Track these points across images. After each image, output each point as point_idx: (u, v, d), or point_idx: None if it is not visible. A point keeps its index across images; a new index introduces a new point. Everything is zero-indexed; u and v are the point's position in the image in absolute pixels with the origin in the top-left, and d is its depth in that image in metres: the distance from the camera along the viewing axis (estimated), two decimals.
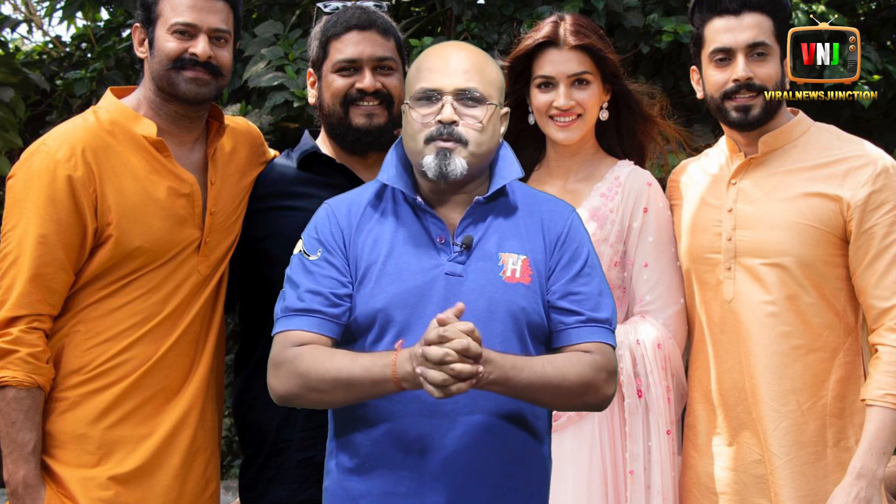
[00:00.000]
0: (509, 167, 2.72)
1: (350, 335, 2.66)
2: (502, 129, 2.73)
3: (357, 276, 2.65)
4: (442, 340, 2.42)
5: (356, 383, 2.53)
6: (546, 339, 2.69)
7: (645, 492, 3.16)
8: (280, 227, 3.17)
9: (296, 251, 2.72)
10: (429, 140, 2.62)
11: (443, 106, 2.62)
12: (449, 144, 2.61)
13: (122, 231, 2.99)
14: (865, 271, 3.03)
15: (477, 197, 2.67)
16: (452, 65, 2.66)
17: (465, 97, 2.63)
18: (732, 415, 3.15)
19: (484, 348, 2.46)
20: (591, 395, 2.63)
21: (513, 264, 2.65)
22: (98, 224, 2.98)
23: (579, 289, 2.67)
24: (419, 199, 2.67)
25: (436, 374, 2.42)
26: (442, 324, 2.44)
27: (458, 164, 2.61)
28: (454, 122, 2.61)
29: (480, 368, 2.44)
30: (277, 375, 2.62)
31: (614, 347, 2.69)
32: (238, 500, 3.30)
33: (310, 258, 2.68)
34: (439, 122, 2.61)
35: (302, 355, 2.59)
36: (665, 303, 3.24)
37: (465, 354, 2.41)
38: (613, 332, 2.70)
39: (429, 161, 2.62)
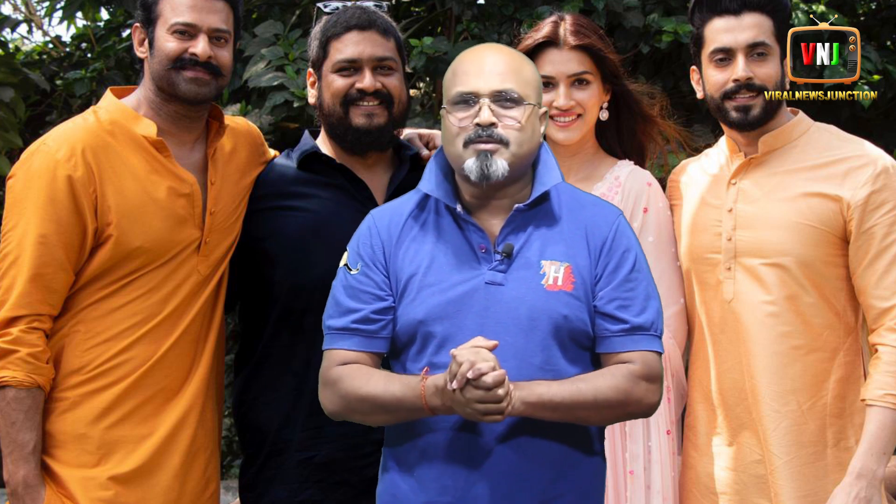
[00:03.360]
0: (550, 172, 2.70)
1: (395, 347, 2.68)
2: (542, 129, 2.72)
3: (398, 288, 2.66)
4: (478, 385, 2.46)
5: (392, 411, 2.60)
6: (591, 345, 2.68)
7: (645, 492, 3.16)
8: (280, 227, 3.17)
9: (341, 263, 2.74)
10: (468, 143, 2.61)
11: (480, 109, 2.61)
12: (489, 146, 2.60)
13: (122, 231, 2.98)
14: (865, 271, 3.03)
15: (517, 205, 2.66)
16: (488, 67, 2.65)
17: (503, 98, 2.62)
18: (732, 415, 3.15)
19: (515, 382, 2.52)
20: (633, 406, 2.64)
21: (555, 272, 2.64)
22: (98, 224, 2.98)
23: (626, 294, 2.67)
24: (459, 207, 2.66)
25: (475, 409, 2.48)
26: (472, 366, 2.46)
27: (500, 165, 2.60)
28: (493, 124, 2.60)
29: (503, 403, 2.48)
30: (325, 394, 2.70)
31: (660, 354, 2.69)
32: (238, 500, 3.30)
33: (351, 272, 2.70)
34: (477, 124, 2.60)
35: (343, 378, 2.64)
36: (665, 303, 3.22)
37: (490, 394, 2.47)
38: (659, 338, 2.69)
39: (470, 164, 2.61)
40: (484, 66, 2.65)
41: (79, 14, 6.67)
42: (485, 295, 2.61)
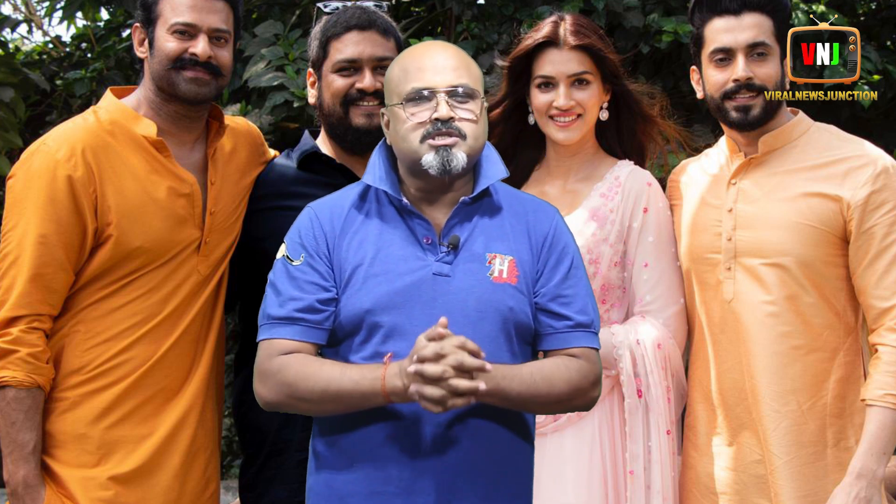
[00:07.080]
0: (494, 167, 2.73)
1: (336, 337, 2.66)
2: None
3: (343, 279, 2.65)
4: (438, 357, 2.45)
5: (345, 396, 2.55)
6: (532, 340, 2.71)
7: (645, 492, 3.16)
8: (280, 227, 3.15)
9: (279, 255, 2.72)
10: (424, 138, 2.62)
11: (438, 104, 2.62)
12: (449, 140, 2.61)
13: (122, 231, 2.99)
14: (865, 271, 3.03)
15: (463, 197, 2.68)
16: (441, 63, 2.67)
17: (458, 93, 2.64)
18: (732, 415, 3.15)
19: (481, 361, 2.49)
20: (578, 400, 2.68)
21: (500, 264, 2.66)
22: (98, 224, 2.98)
23: (567, 291, 2.70)
24: (405, 200, 2.67)
25: (433, 391, 2.45)
26: (432, 339, 2.46)
27: (460, 158, 2.62)
28: (451, 119, 2.62)
29: (481, 385, 2.46)
30: (265, 384, 2.63)
31: (598, 350, 2.72)
32: (238, 500, 3.30)
33: (293, 263, 2.68)
34: (436, 119, 2.62)
35: (289, 366, 2.60)
36: (665, 303, 3.24)
37: (460, 369, 2.45)
38: (597, 335, 2.73)
39: (429, 159, 2.62)
40: (437, 62, 2.67)
41: (79, 14, 6.67)
42: (432, 286, 2.62)
